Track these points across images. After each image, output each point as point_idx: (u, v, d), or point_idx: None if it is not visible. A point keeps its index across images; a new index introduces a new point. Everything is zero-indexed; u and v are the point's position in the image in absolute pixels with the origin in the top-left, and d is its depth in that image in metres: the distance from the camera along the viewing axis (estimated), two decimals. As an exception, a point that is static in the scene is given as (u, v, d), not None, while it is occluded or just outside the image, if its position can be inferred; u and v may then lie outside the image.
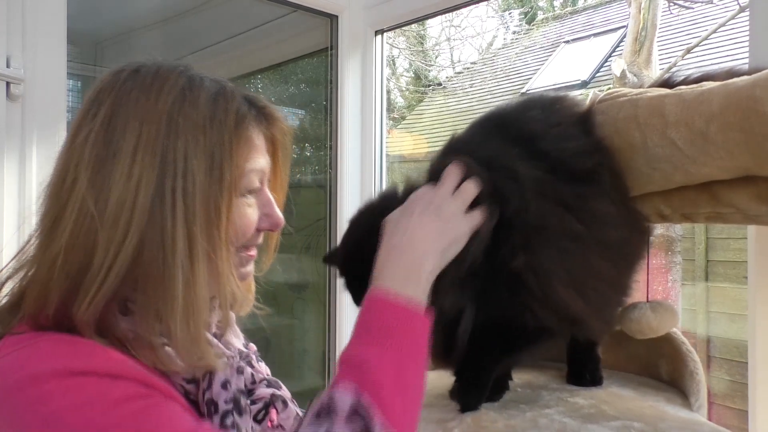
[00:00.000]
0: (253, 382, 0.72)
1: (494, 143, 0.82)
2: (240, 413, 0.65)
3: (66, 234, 0.58)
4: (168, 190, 0.59)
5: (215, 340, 0.68)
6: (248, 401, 0.68)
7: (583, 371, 0.96)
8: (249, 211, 0.68)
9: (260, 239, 0.73)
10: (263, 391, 0.71)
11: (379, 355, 0.61)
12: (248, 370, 0.72)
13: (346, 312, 1.79)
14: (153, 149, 0.60)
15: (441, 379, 0.96)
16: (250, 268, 0.73)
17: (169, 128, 0.61)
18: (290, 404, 0.72)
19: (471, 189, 0.73)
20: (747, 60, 0.99)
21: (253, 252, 0.72)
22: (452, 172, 0.74)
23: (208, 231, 0.61)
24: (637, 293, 1.00)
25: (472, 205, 0.73)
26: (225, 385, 0.65)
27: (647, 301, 0.97)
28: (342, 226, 1.78)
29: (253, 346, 0.81)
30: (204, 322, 0.61)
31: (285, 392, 0.74)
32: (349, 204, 1.78)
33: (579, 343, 0.95)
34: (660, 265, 3.31)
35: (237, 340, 0.77)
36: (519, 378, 0.95)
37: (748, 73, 0.75)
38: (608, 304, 0.87)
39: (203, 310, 0.60)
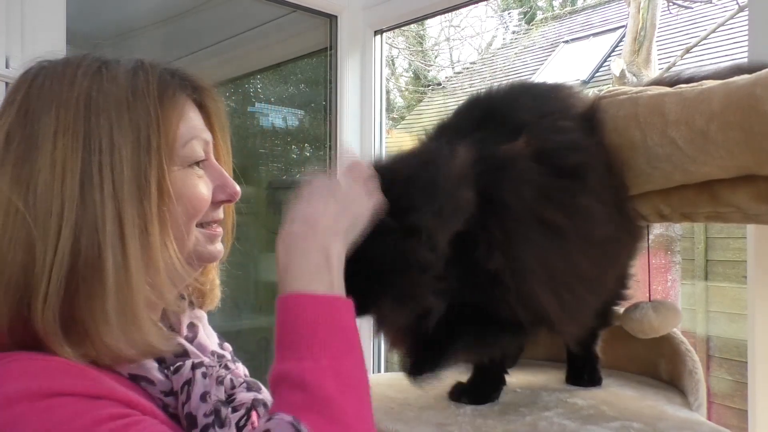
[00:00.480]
0: (233, 387, 0.68)
1: (481, 131, 0.79)
2: (221, 425, 0.62)
3: None
4: (95, 170, 0.57)
5: (187, 344, 0.65)
6: (229, 409, 0.65)
7: (581, 371, 0.96)
8: (199, 183, 0.65)
9: (221, 213, 0.70)
10: (244, 396, 0.67)
11: (313, 367, 0.55)
12: (227, 377, 0.68)
13: (346, 312, 1.78)
14: (74, 131, 0.57)
15: (439, 382, 0.96)
16: (218, 246, 0.69)
17: (88, 108, 0.58)
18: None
19: (362, 166, 0.69)
20: (746, 60, 0.99)
21: (218, 229, 0.69)
22: (344, 156, 0.71)
23: (139, 205, 0.58)
24: (639, 293, 1.00)
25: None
26: (204, 397, 0.61)
27: (649, 301, 0.97)
28: (341, 226, 1.78)
29: (228, 346, 0.77)
30: (144, 302, 0.58)
31: (265, 394, 0.70)
32: (348, 204, 1.78)
33: (578, 343, 0.95)
34: (659, 264, 3.31)
35: (211, 340, 0.74)
36: (518, 378, 0.95)
37: (749, 69, 0.75)
38: (583, 308, 0.82)
39: (139, 289, 0.57)
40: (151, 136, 0.60)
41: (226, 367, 0.70)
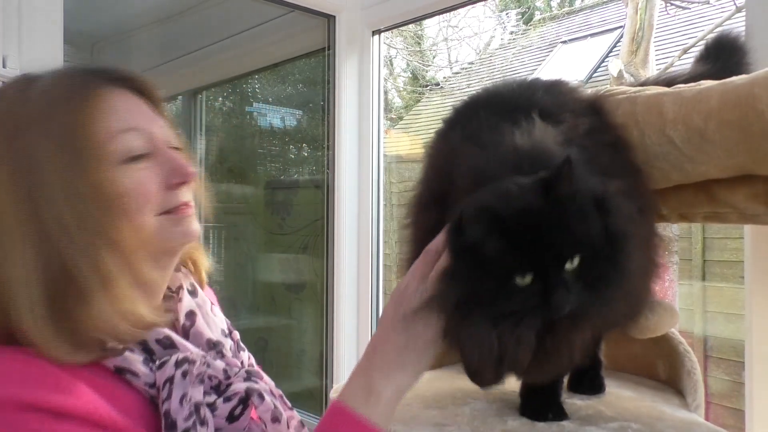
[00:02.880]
0: (227, 377, 0.68)
1: (515, 126, 0.71)
2: (201, 423, 0.62)
3: None
4: (32, 190, 0.58)
5: (175, 336, 0.66)
6: (220, 400, 0.66)
7: (583, 378, 0.93)
8: (142, 175, 0.64)
9: (185, 195, 0.68)
10: (238, 386, 0.67)
11: None
12: (218, 364, 0.68)
13: (344, 312, 1.78)
14: (1, 159, 0.58)
15: (439, 381, 0.96)
16: (192, 226, 0.68)
17: (10, 133, 0.59)
18: (267, 397, 0.69)
19: (435, 246, 0.65)
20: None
21: (187, 210, 0.68)
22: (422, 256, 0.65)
23: (82, 212, 0.59)
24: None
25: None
26: (182, 400, 0.62)
27: (645, 301, 0.97)
28: (340, 226, 1.78)
29: (236, 334, 0.77)
30: (128, 286, 0.60)
31: (263, 384, 0.70)
32: (346, 204, 1.78)
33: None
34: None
35: (213, 328, 0.73)
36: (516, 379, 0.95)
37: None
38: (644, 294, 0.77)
39: (119, 281, 0.59)
40: (72, 142, 0.60)
41: (222, 355, 0.70)
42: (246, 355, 0.77)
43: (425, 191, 0.80)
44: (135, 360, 0.62)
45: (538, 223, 0.59)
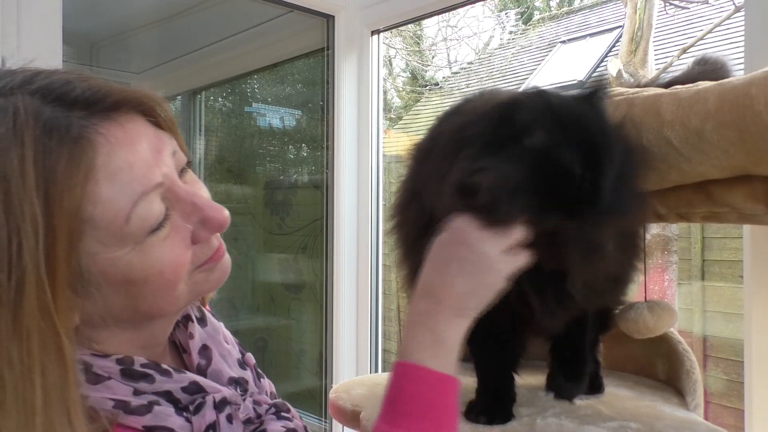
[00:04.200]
0: (258, 416, 0.60)
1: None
2: None
3: None
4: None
5: (201, 379, 0.57)
6: None
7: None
8: (167, 246, 0.49)
9: (215, 239, 0.56)
10: (274, 428, 0.60)
11: None
12: (248, 405, 0.59)
13: (343, 312, 1.78)
14: None
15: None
16: (226, 264, 0.57)
17: None
18: None
19: (518, 233, 0.60)
20: (742, 60, 1.00)
21: (220, 253, 0.56)
22: (496, 211, 0.59)
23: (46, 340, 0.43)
24: (635, 293, 1.00)
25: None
26: None
27: (645, 301, 0.97)
28: (339, 226, 1.78)
29: (250, 358, 0.68)
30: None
31: (297, 421, 0.63)
32: (345, 204, 1.78)
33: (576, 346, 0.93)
34: (656, 264, 3.31)
35: (228, 360, 0.64)
36: (516, 378, 0.95)
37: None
38: (602, 298, 0.82)
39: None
40: (26, 254, 0.41)
41: (245, 390, 0.62)
42: (267, 383, 0.70)
43: (405, 191, 0.81)
44: (167, 414, 0.52)
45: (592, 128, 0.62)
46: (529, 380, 0.97)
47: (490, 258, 0.59)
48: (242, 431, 0.57)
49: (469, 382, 0.88)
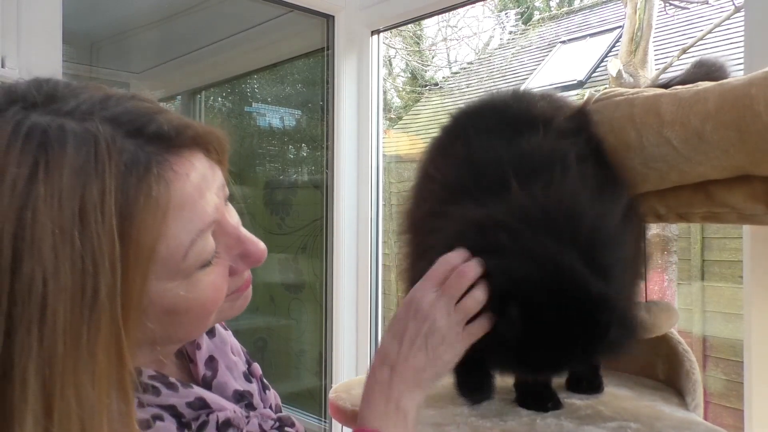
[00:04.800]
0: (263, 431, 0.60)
1: (517, 136, 0.76)
2: None
3: None
4: (17, 348, 0.40)
5: (206, 393, 0.56)
6: None
7: (582, 378, 0.94)
8: (208, 282, 0.50)
9: (246, 273, 0.57)
10: None
11: None
12: (255, 422, 0.59)
13: (343, 312, 1.78)
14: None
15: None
16: (250, 293, 0.59)
17: (15, 249, 0.40)
18: None
19: (474, 303, 0.63)
20: (742, 60, 1.00)
21: (248, 284, 0.58)
22: (453, 276, 0.63)
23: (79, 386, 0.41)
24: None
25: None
26: None
27: (645, 301, 0.97)
28: (339, 226, 1.78)
29: (256, 369, 0.68)
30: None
31: (299, 429, 0.65)
32: (345, 204, 1.78)
33: None
34: (656, 264, 3.31)
35: (234, 372, 0.64)
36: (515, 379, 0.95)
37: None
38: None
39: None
40: (102, 284, 0.41)
41: (251, 407, 0.62)
42: (272, 395, 0.69)
43: (417, 208, 0.84)
44: (167, 430, 0.51)
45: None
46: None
47: (450, 336, 0.63)
48: None
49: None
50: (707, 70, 0.93)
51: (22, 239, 0.40)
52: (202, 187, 0.48)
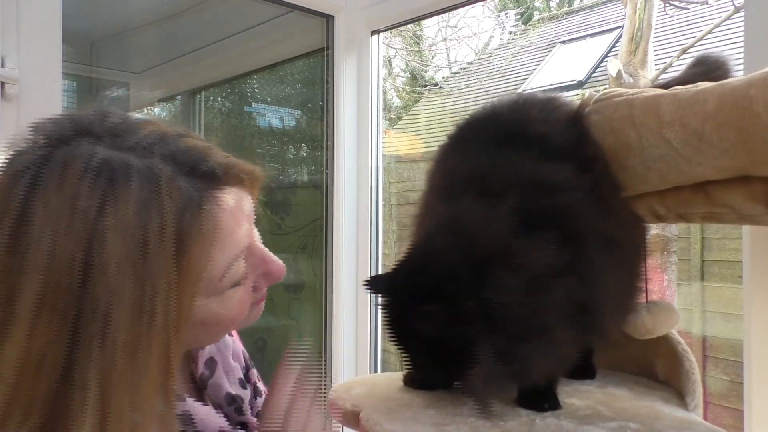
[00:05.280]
0: None
1: (505, 148, 0.78)
2: None
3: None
4: (78, 365, 0.44)
5: (194, 409, 0.60)
6: None
7: (575, 364, 0.96)
8: (241, 294, 0.57)
9: (264, 289, 0.64)
10: None
11: None
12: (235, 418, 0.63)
13: (343, 313, 1.78)
14: (62, 307, 0.44)
15: (437, 380, 0.95)
16: (261, 309, 0.64)
17: (83, 272, 0.45)
18: None
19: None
20: (742, 60, 1.00)
21: (264, 297, 0.64)
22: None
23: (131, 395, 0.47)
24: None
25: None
26: None
27: (645, 302, 0.97)
28: (339, 226, 1.78)
29: (254, 374, 0.72)
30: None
31: None
32: (345, 204, 1.78)
33: None
34: (656, 265, 3.31)
35: (231, 377, 0.68)
36: (515, 378, 0.95)
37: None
38: (625, 315, 0.86)
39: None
40: (158, 305, 0.47)
41: (240, 411, 0.65)
42: (263, 401, 0.72)
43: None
44: None
45: None
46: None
47: None
48: None
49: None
50: (707, 69, 0.93)
51: (90, 264, 0.45)
52: (239, 218, 0.55)
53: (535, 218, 0.70)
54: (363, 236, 1.77)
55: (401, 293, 0.72)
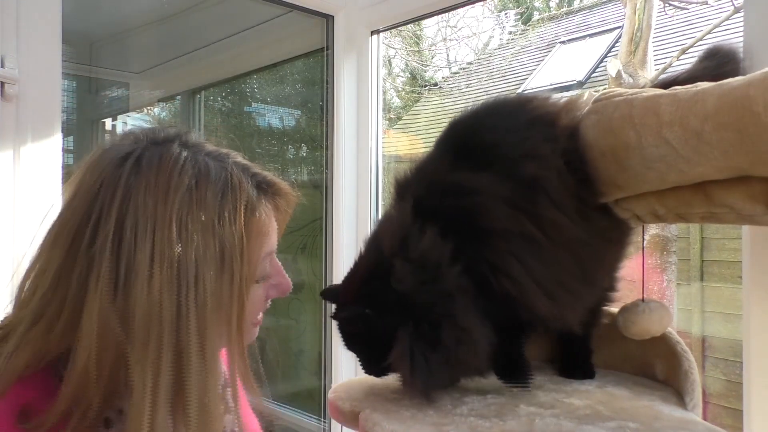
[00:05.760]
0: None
1: (458, 162, 0.84)
2: None
3: (89, 353, 0.58)
4: (183, 302, 0.60)
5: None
6: None
7: (575, 364, 0.98)
8: (259, 293, 0.71)
9: (268, 304, 0.75)
10: None
11: None
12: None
13: (342, 312, 1.78)
14: (169, 260, 0.59)
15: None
16: (257, 330, 0.77)
17: (180, 235, 0.60)
18: None
19: None
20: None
21: (260, 320, 0.75)
22: None
23: (220, 331, 0.63)
24: (632, 293, 1.00)
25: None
26: None
27: (642, 301, 0.97)
28: (338, 226, 1.78)
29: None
30: (216, 409, 0.63)
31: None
32: (345, 204, 1.78)
33: (570, 337, 0.97)
34: (655, 265, 3.32)
35: None
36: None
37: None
38: (575, 301, 0.88)
39: (214, 389, 0.62)
40: (234, 264, 0.63)
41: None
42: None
43: None
44: None
45: None
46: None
47: None
48: None
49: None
50: (717, 63, 0.93)
51: (182, 226, 0.60)
52: (273, 226, 0.71)
53: (431, 216, 0.79)
54: (363, 236, 1.76)
55: (340, 300, 0.86)
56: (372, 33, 1.76)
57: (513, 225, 0.80)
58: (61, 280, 0.60)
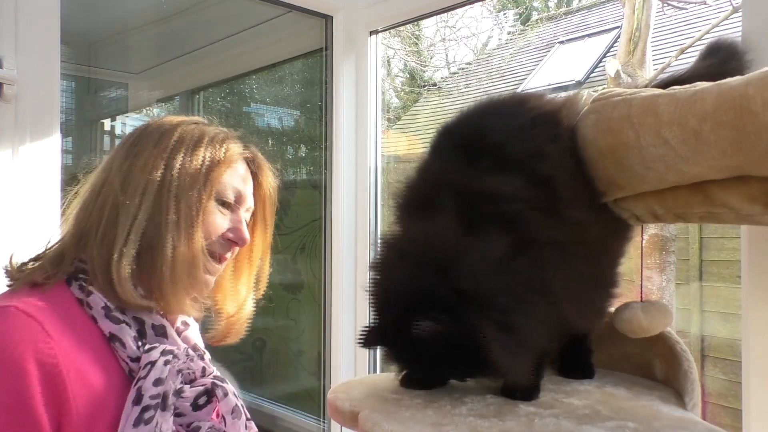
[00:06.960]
0: (204, 375, 0.83)
1: (463, 164, 0.84)
2: (164, 409, 0.74)
3: (98, 210, 0.81)
4: (167, 181, 0.83)
5: (171, 330, 0.84)
6: (186, 386, 0.79)
7: (574, 364, 0.98)
8: (218, 218, 0.87)
9: (228, 253, 0.90)
10: (205, 380, 0.82)
11: None
12: (199, 363, 0.83)
13: (342, 313, 1.78)
14: (164, 160, 0.84)
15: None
16: (209, 278, 0.88)
17: (174, 147, 0.85)
18: (231, 395, 0.82)
19: None
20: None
21: (218, 266, 0.88)
22: None
23: (190, 210, 0.83)
24: (631, 293, 1.01)
25: None
26: (157, 382, 0.74)
27: (640, 301, 0.97)
28: (337, 226, 1.78)
29: (207, 354, 0.92)
30: (188, 275, 0.82)
31: (228, 386, 0.84)
32: (344, 204, 1.78)
33: (570, 337, 0.96)
34: (654, 264, 3.32)
35: (197, 338, 0.93)
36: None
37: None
38: (597, 306, 0.90)
39: (183, 262, 0.81)
40: (208, 172, 0.86)
41: (201, 358, 0.86)
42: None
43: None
44: (127, 334, 0.77)
45: None
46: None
47: None
48: (174, 379, 0.77)
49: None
50: (720, 60, 0.93)
51: (181, 140, 0.87)
52: (243, 177, 0.92)
53: (477, 222, 0.78)
54: (362, 236, 1.77)
55: (389, 332, 0.81)
56: (371, 33, 1.76)
57: (547, 233, 0.79)
58: (93, 188, 0.85)
